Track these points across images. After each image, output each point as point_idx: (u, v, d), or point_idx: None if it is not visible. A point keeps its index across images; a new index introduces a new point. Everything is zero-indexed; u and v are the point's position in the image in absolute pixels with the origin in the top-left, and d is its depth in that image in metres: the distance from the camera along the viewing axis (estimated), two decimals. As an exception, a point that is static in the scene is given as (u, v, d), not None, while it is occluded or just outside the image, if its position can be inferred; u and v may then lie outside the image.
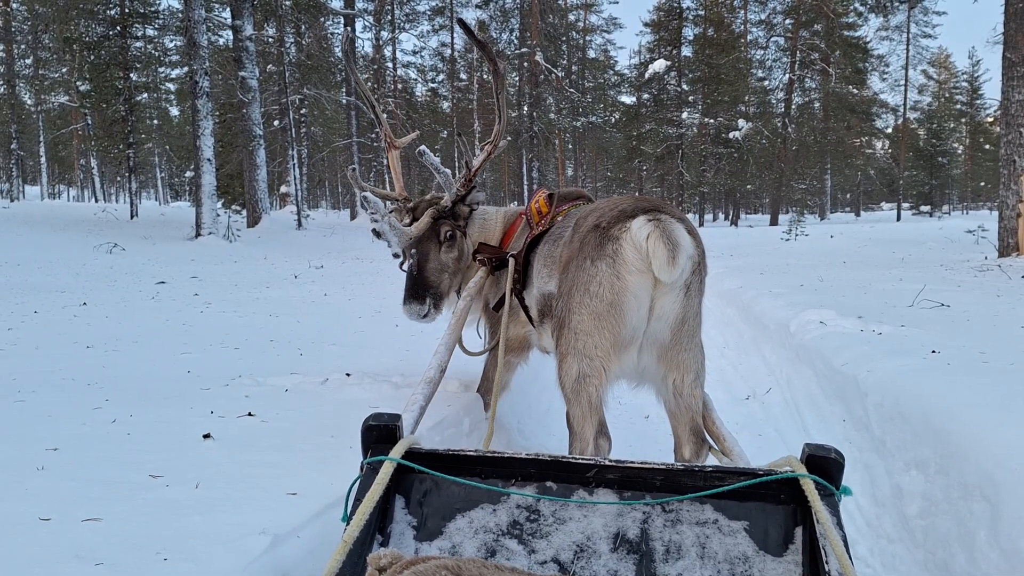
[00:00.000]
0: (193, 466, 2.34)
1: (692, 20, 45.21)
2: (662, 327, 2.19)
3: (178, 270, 11.22)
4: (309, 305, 6.66)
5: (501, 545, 1.63)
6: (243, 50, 20.18)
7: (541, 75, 27.55)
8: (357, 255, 15.15)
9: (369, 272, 11.28)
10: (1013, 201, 11.63)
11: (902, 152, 51.69)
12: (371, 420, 1.75)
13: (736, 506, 1.65)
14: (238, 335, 5.04)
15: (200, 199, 17.01)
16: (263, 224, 20.49)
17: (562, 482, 1.72)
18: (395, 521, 1.70)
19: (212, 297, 7.39)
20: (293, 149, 23.44)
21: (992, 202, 68.95)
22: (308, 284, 8.95)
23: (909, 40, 48.34)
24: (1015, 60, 11.39)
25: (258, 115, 20.73)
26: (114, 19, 22.40)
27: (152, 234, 17.52)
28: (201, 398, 3.22)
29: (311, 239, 19.33)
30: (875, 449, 3.11)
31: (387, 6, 36.62)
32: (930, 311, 5.80)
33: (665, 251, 2.01)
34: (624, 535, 1.63)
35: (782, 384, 4.82)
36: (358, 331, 5.18)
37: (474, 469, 1.74)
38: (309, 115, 35.16)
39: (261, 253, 15.02)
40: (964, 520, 2.35)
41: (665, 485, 1.69)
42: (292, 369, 3.83)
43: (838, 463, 1.61)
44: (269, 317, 5.84)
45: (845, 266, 11.59)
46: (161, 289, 8.43)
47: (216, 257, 13.97)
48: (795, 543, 1.61)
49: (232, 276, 10.17)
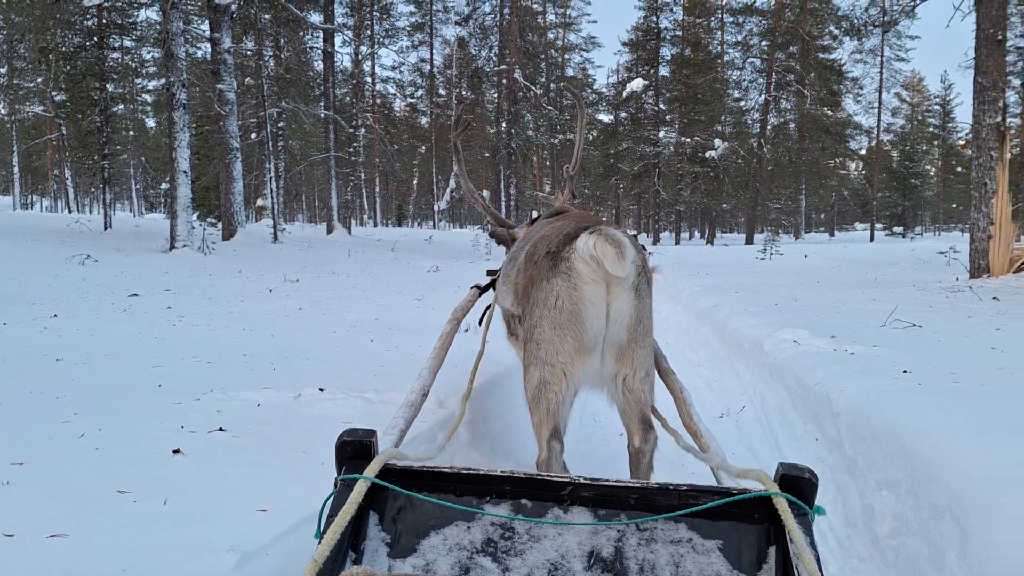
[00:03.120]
0: (162, 481, 2.31)
1: (670, 40, 45.75)
2: (619, 329, 2.32)
3: (152, 282, 11.10)
4: (284, 319, 6.61)
5: (475, 563, 1.63)
6: (221, 63, 20.10)
7: (519, 92, 27.68)
8: (333, 269, 15.07)
9: (345, 286, 11.23)
10: (984, 223, 11.84)
11: (875, 173, 52.51)
12: (345, 436, 1.73)
13: (710, 525, 1.66)
14: (211, 349, 4.99)
15: (175, 211, 16.85)
16: (239, 237, 20.34)
17: (537, 500, 1.71)
18: (368, 538, 1.68)
19: (185, 310, 7.32)
20: (270, 162, 23.32)
21: (964, 224, 70.21)
22: (283, 298, 8.89)
23: (883, 63, 49.21)
24: (986, 84, 11.64)
25: (235, 128, 20.65)
26: (91, 30, 22.23)
27: (126, 246, 17.32)
28: (172, 412, 3.18)
29: (287, 253, 19.21)
30: (847, 469, 3.13)
31: (366, 21, 36.70)
32: (902, 331, 5.87)
33: (612, 249, 2.15)
34: (598, 553, 1.63)
35: (756, 402, 4.84)
36: (333, 346, 5.14)
37: (449, 486, 1.73)
38: (287, 128, 35.08)
39: (236, 266, 14.90)
40: (934, 540, 2.37)
41: (640, 504, 1.69)
42: (265, 384, 3.80)
43: (811, 483, 1.62)
44: (243, 331, 5.78)
45: (819, 286, 11.72)
46: (134, 301, 8.33)
47: (191, 270, 13.83)
48: (768, 563, 1.61)
49: (206, 289, 10.08)
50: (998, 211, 11.96)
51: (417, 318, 6.77)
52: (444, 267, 17.52)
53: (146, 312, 7.23)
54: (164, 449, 2.63)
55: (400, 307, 7.87)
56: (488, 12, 29.89)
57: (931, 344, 5.12)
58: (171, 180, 17.14)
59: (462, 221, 69.83)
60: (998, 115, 11.76)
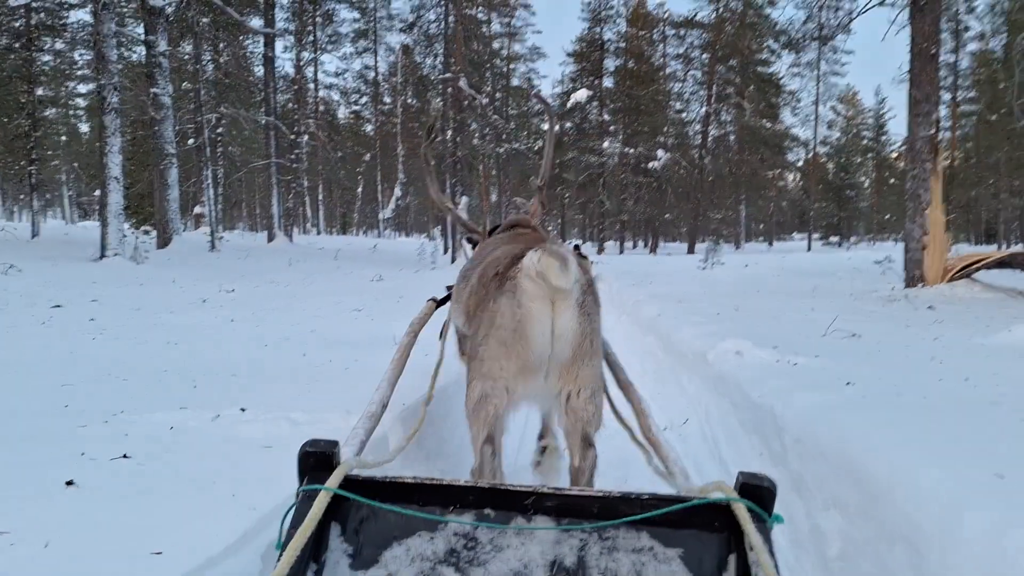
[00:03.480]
0: (48, 519, 2.06)
1: (613, 52, 46.25)
2: (563, 346, 2.30)
3: (78, 293, 10.59)
4: (213, 332, 6.30)
5: (438, 573, 1.63)
6: (156, 66, 19.52)
7: (465, 101, 27.53)
8: (272, 279, 14.66)
9: (283, 297, 10.89)
10: (919, 234, 12.07)
11: (812, 184, 53.70)
12: (308, 446, 1.72)
13: (671, 534, 1.67)
14: (129, 364, 4.67)
15: (106, 218, 16.24)
16: (174, 245, 19.72)
17: (500, 509, 1.72)
18: (330, 550, 1.67)
19: (109, 322, 6.94)
20: (208, 169, 22.68)
21: (896, 234, 72.27)
22: (216, 309, 8.53)
23: (820, 77, 50.44)
24: (919, 98, 11.89)
25: (171, 133, 20.05)
26: (19, 31, 21.39)
27: (53, 254, 16.62)
28: (73, 437, 2.91)
29: (225, 262, 18.65)
30: (794, 487, 3.03)
31: (308, 27, 36.16)
32: (842, 341, 5.86)
33: (555, 262, 2.14)
34: (561, 563, 1.64)
35: (700, 415, 4.74)
36: (262, 360, 4.86)
37: (412, 496, 1.73)
38: (227, 134, 34.29)
39: (170, 276, 14.38)
40: (886, 563, 2.27)
41: (602, 512, 1.70)
42: (183, 403, 3.53)
43: (770, 491, 1.64)
44: (167, 344, 5.46)
45: (759, 295, 11.80)
46: (55, 313, 7.89)
47: (121, 279, 13.29)
48: (728, 570, 1.63)
49: (135, 300, 9.64)
50: (932, 221, 12.22)
51: (356, 330, 6.52)
52: (388, 276, 17.22)
53: (67, 325, 6.83)
54: (58, 480, 2.37)
55: (339, 319, 7.61)
56: (433, 20, 29.70)
57: (872, 355, 5.10)
58: (102, 187, 16.53)
59: (408, 230, 69.29)
60: (932, 128, 12.02)
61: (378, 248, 29.49)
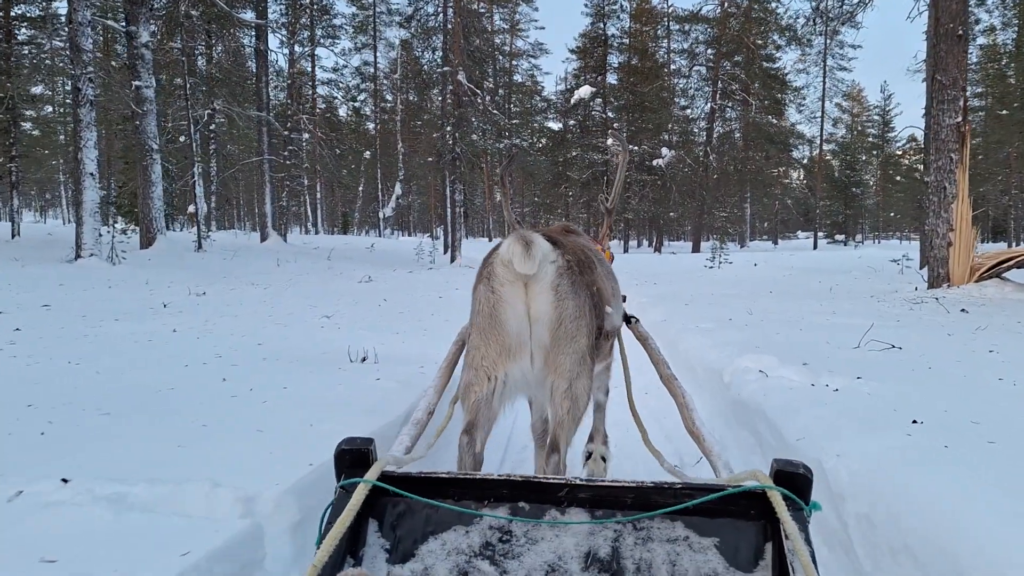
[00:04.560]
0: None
1: (617, 48, 45.36)
2: (541, 330, 2.28)
3: (33, 297, 9.77)
4: (142, 347, 5.37)
5: (473, 567, 1.63)
6: (138, 58, 18.70)
7: (465, 96, 26.70)
8: (253, 281, 13.83)
9: (254, 300, 10.04)
10: (944, 229, 11.19)
11: (818, 182, 52.74)
12: (344, 444, 1.74)
13: (706, 523, 1.65)
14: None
15: (81, 217, 15.43)
16: (159, 245, 18.89)
17: (534, 502, 1.72)
18: (368, 544, 1.69)
19: (37, 333, 6.09)
20: (196, 166, 21.87)
21: (902, 231, 71.22)
22: (169, 316, 7.67)
23: (826, 72, 49.51)
24: (945, 83, 11.00)
25: (154, 128, 19.21)
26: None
27: (27, 256, 15.82)
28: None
29: (209, 263, 17.81)
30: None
31: (303, 20, 35.35)
32: (881, 355, 5.00)
33: (519, 247, 2.14)
34: (595, 554, 1.63)
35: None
36: (166, 388, 3.83)
37: (447, 491, 1.73)
38: (222, 131, 33.46)
39: (145, 277, 13.57)
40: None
41: (636, 503, 1.69)
42: (10, 463, 2.62)
43: (807, 478, 1.59)
44: (68, 364, 4.55)
45: (772, 296, 10.93)
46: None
47: (90, 282, 12.47)
48: (765, 559, 1.60)
49: (89, 305, 8.81)
50: (958, 216, 11.34)
51: (313, 342, 5.65)
52: (379, 277, 16.39)
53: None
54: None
55: (301, 327, 6.74)
56: (431, 13, 28.83)
57: (922, 373, 4.23)
58: (76, 183, 15.72)
59: (411, 229, 68.50)
60: (958, 115, 11.13)
61: (376, 248, 28.67)
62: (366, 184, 52.76)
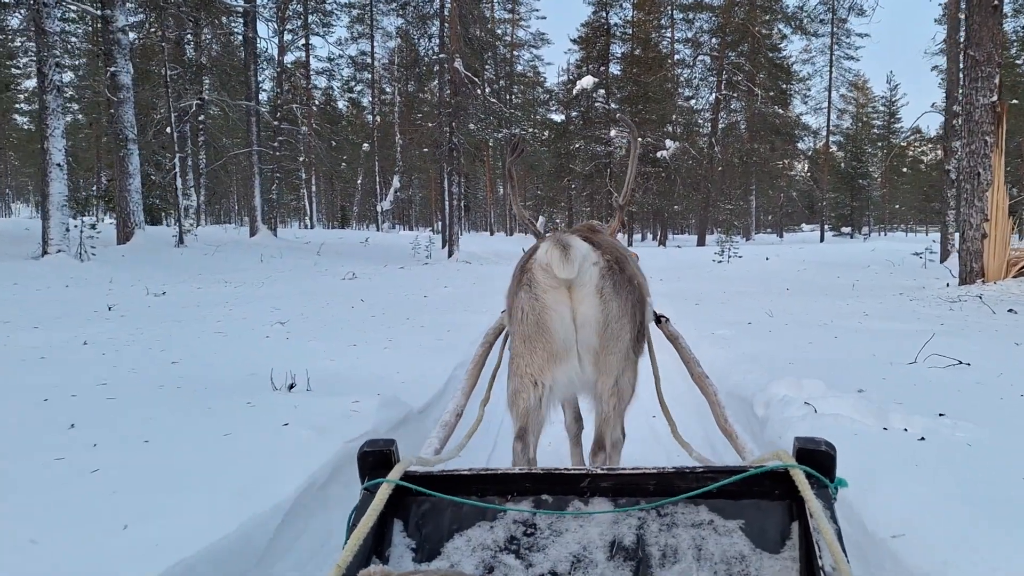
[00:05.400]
0: None
1: (620, 37, 44.26)
2: (589, 333, 2.26)
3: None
4: (23, 365, 4.34)
5: (499, 561, 1.58)
6: (114, 43, 17.71)
7: (463, 86, 25.68)
8: (226, 278, 12.85)
9: (216, 301, 9.04)
10: (978, 220, 10.18)
11: (825, 173, 51.61)
12: (366, 447, 1.68)
13: (731, 505, 1.59)
14: None
15: (48, 211, 14.48)
16: (136, 240, 17.90)
17: (557, 494, 1.68)
18: (393, 545, 1.65)
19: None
20: (176, 157, 20.89)
21: (907, 224, 69.99)
22: (107, 322, 6.67)
23: (832, 61, 48.37)
24: (979, 58, 9.97)
25: (132, 117, 18.21)
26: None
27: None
28: None
29: (187, 259, 16.85)
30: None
31: (296, 7, 34.29)
32: (947, 374, 4.01)
33: (558, 253, 2.12)
34: (620, 542, 1.58)
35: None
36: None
37: (470, 488, 1.69)
38: (210, 122, 32.41)
39: (111, 275, 12.62)
40: None
41: (659, 489, 1.64)
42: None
43: (829, 455, 1.52)
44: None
45: (791, 295, 9.93)
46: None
47: (48, 280, 11.53)
48: (792, 539, 1.53)
49: (26, 308, 7.84)
50: (993, 205, 10.34)
51: (244, 359, 4.60)
52: (367, 274, 15.41)
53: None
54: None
55: (248, 336, 5.74)
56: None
57: (1017, 404, 3.24)
58: (42, 175, 14.76)
59: (412, 223, 67.48)
60: (993, 93, 10.12)
61: (371, 242, 27.71)
62: (365, 177, 51.75)
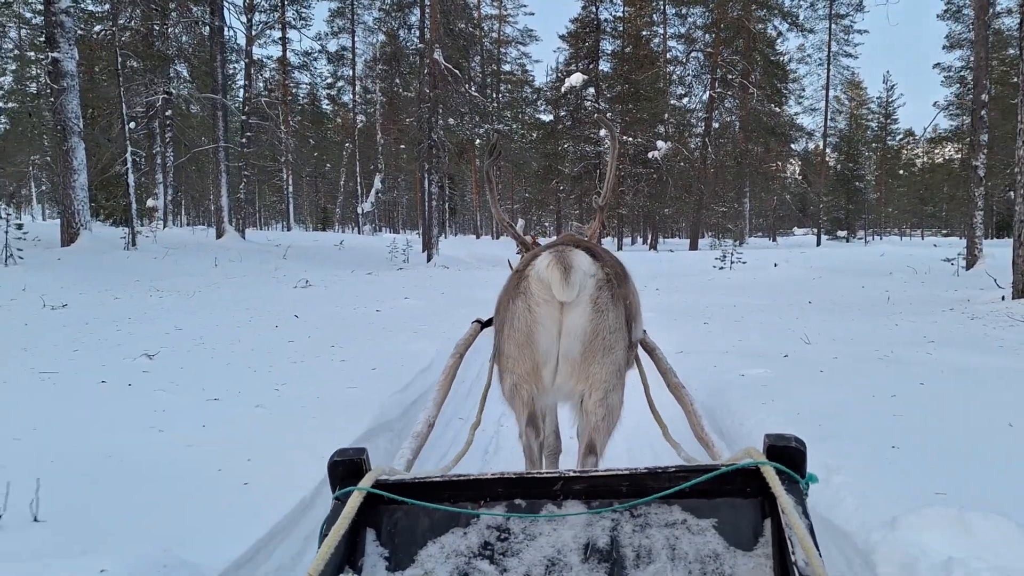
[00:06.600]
0: None
1: (610, 33, 42.76)
2: (572, 342, 2.29)
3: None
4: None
5: (473, 567, 1.58)
6: (57, 26, 16.04)
7: (445, 79, 24.04)
8: (160, 286, 11.18)
9: (118, 317, 7.38)
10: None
11: (821, 175, 50.22)
12: (336, 456, 1.67)
13: (704, 504, 1.61)
14: None
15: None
16: (82, 242, 16.19)
17: (530, 498, 1.67)
18: (367, 554, 1.63)
19: None
20: (128, 151, 19.17)
21: (901, 228, 68.74)
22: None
23: (830, 58, 47.00)
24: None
25: (76, 107, 16.51)
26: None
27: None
28: None
29: (133, 263, 15.14)
30: None
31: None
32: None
33: (559, 274, 2.17)
34: (594, 544, 1.59)
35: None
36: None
37: (442, 494, 1.68)
38: (183, 119, 30.71)
39: (31, 282, 10.94)
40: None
41: (631, 490, 1.64)
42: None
43: (799, 451, 1.55)
44: None
45: (817, 310, 8.34)
46: None
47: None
48: (765, 536, 1.55)
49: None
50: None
51: (14, 432, 3.00)
52: (327, 281, 13.77)
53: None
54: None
55: (82, 380, 4.12)
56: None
57: None
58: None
59: (398, 226, 65.76)
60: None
61: (345, 245, 26.02)
62: (347, 178, 50.05)
